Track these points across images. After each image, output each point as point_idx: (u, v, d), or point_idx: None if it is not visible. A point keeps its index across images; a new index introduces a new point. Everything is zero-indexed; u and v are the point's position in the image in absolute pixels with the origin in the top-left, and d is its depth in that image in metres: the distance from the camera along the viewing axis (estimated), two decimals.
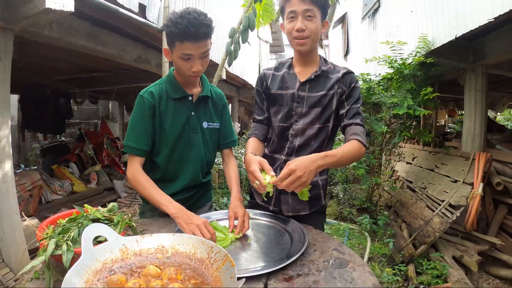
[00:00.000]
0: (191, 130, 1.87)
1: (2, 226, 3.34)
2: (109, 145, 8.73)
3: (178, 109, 1.84)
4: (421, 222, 4.50)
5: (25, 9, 3.04)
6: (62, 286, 0.81)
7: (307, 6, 1.69)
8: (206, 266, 1.01)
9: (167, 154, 1.86)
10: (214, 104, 2.00)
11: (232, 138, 2.11)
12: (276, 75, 1.95)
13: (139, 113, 1.79)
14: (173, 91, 1.84)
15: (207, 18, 1.65)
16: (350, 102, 1.79)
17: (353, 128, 1.73)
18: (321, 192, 1.90)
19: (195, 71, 1.74)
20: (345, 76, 1.82)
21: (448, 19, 4.41)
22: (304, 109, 1.84)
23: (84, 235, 1.00)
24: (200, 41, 1.64)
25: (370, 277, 1.18)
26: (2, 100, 3.34)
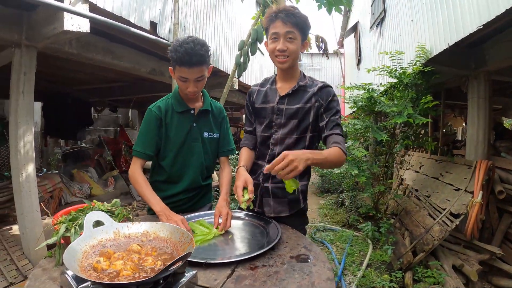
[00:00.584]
0: (192, 139, 2.15)
1: (24, 222, 3.67)
2: (127, 152, 9.02)
3: (181, 121, 2.13)
4: (422, 230, 4.51)
5: (46, 30, 3.37)
6: (65, 252, 1.08)
7: (289, 28, 1.88)
8: (176, 247, 1.27)
9: (172, 159, 2.15)
10: (214, 117, 2.26)
11: (229, 147, 2.34)
12: (261, 90, 2.17)
13: (147, 124, 2.10)
14: (178, 105, 2.12)
15: (203, 49, 1.91)
16: (329, 115, 1.94)
17: (334, 137, 1.88)
18: (300, 196, 2.06)
19: (190, 91, 2.01)
20: (322, 90, 1.99)
21: (442, 28, 4.48)
22: (282, 120, 2.02)
23: (86, 219, 1.29)
24: (193, 68, 1.91)
25: (327, 272, 1.32)
26: (26, 109, 3.69)
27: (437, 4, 4.69)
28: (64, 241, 1.39)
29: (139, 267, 1.11)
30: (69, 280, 1.04)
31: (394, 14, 7.15)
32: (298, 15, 1.90)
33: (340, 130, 1.93)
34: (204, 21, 6.39)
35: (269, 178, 2.06)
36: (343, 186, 7.79)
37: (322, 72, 23.63)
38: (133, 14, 4.26)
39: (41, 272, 1.31)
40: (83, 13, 3.32)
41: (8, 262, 3.82)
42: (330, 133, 1.92)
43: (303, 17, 1.92)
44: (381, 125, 5.48)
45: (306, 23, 1.95)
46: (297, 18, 1.89)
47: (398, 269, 4.24)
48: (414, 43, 5.50)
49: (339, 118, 1.96)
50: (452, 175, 5.14)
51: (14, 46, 3.65)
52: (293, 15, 1.89)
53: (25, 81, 3.66)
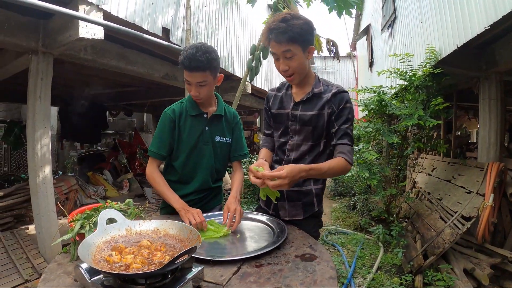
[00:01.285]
0: (204, 142, 2.22)
1: (40, 221, 3.79)
2: (141, 155, 9.16)
3: (194, 124, 2.20)
4: (433, 233, 4.47)
5: (62, 38, 3.50)
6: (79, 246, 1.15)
7: (284, 47, 1.79)
8: (184, 244, 1.34)
9: (183, 161, 2.23)
10: (227, 122, 2.32)
11: (241, 152, 2.39)
12: (277, 95, 2.17)
13: (161, 126, 2.19)
14: (191, 109, 2.20)
15: (204, 55, 1.97)
16: (339, 123, 1.91)
17: (340, 147, 1.88)
18: (314, 199, 2.05)
19: (193, 95, 2.12)
20: (335, 96, 1.93)
21: (451, 29, 4.46)
22: (297, 127, 2.01)
23: (100, 216, 1.38)
24: (193, 72, 2.00)
25: (330, 270, 1.34)
26: (43, 113, 3.81)
27: (445, 5, 4.67)
28: (79, 238, 1.47)
29: (149, 261, 1.17)
30: (83, 272, 1.12)
31: (404, 16, 7.15)
32: (291, 28, 1.76)
33: (349, 139, 1.90)
34: (216, 26, 6.47)
35: None
36: (355, 189, 7.76)
37: (335, 75, 23.53)
38: (146, 20, 4.36)
39: (56, 266, 1.39)
40: (97, 21, 3.44)
41: (24, 260, 3.94)
42: (338, 142, 1.91)
43: (297, 28, 1.77)
44: (392, 128, 5.47)
45: (304, 31, 1.80)
46: (290, 32, 1.76)
47: (408, 272, 4.21)
48: (424, 45, 5.46)
49: (349, 127, 1.92)
50: (464, 178, 5.08)
51: (31, 53, 3.78)
52: (285, 32, 1.76)
53: (42, 86, 3.79)
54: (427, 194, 5.89)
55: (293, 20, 1.78)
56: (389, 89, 5.92)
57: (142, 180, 8.56)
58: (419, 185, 6.64)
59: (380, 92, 5.45)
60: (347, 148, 1.88)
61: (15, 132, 7.91)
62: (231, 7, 7.23)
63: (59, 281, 1.26)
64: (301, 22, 1.79)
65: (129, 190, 7.99)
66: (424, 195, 6.01)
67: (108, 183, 7.77)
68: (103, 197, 7.04)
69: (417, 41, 6.12)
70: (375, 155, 5.05)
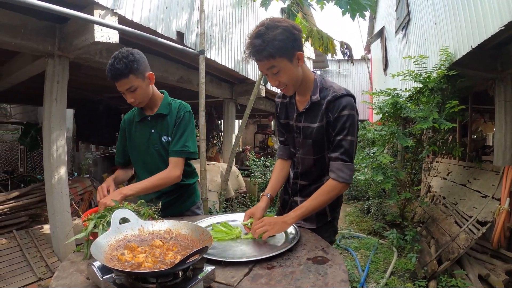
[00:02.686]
0: (153, 145, 2.21)
1: (55, 221, 3.85)
2: None
3: (141, 129, 2.23)
4: (448, 238, 4.43)
5: (78, 41, 3.56)
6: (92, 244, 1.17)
7: (267, 65, 1.66)
8: (196, 244, 1.35)
9: (141, 166, 2.28)
10: (172, 119, 2.21)
11: (174, 148, 2.14)
12: (283, 102, 2.06)
13: (119, 134, 2.34)
14: (138, 115, 2.24)
15: (121, 62, 1.92)
16: (334, 133, 1.78)
17: (331, 165, 1.78)
18: (327, 208, 1.99)
19: (130, 102, 2.09)
20: (331, 103, 1.77)
21: (465, 30, 4.40)
22: (300, 139, 1.93)
23: (113, 216, 1.40)
24: (118, 81, 1.98)
25: (342, 273, 1.32)
26: (59, 116, 3.87)
27: (459, 6, 4.61)
28: (93, 237, 1.49)
29: (160, 260, 1.19)
30: (95, 270, 1.14)
31: (418, 18, 7.09)
32: (267, 44, 1.60)
33: (341, 152, 1.75)
34: (229, 30, 6.50)
35: (298, 192, 2.09)
36: (370, 193, 7.71)
37: (349, 78, 23.38)
38: (161, 24, 4.41)
39: (69, 264, 1.41)
40: (113, 24, 3.50)
41: (38, 259, 4.00)
42: (330, 156, 1.81)
43: (276, 41, 1.60)
44: (407, 131, 5.42)
45: (284, 42, 1.61)
46: (267, 48, 1.60)
47: (422, 278, 4.17)
48: (438, 46, 5.39)
49: (344, 138, 1.74)
50: (479, 182, 5.01)
51: (47, 56, 3.85)
52: (261, 50, 1.61)
53: (58, 89, 3.85)
54: (442, 199, 5.83)
55: (268, 32, 1.61)
56: (403, 92, 5.86)
57: None
58: (434, 189, 6.59)
59: (395, 95, 5.41)
60: (336, 165, 1.75)
61: (32, 134, 8.03)
62: (245, 10, 7.25)
63: (72, 279, 1.28)
64: (279, 32, 1.60)
65: None
66: (439, 199, 5.95)
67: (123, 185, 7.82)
68: None
69: (431, 43, 6.06)
70: (390, 159, 5.01)
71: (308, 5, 5.80)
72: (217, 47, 6.00)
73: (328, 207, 2.00)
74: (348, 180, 1.75)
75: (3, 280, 3.59)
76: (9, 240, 4.11)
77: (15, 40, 3.44)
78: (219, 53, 6.08)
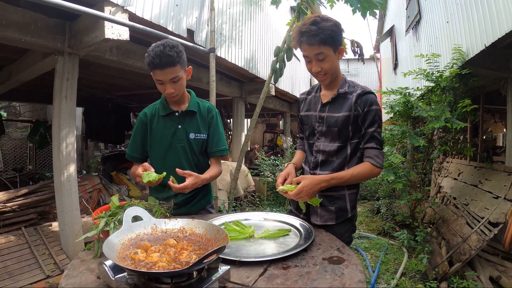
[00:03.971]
0: (178, 141, 2.20)
1: (64, 219, 3.85)
2: None
3: (166, 124, 2.21)
4: (459, 240, 4.35)
5: (88, 38, 3.55)
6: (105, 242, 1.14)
7: (316, 50, 1.84)
8: (211, 243, 1.31)
9: (161, 162, 2.21)
10: (202, 117, 2.28)
11: (216, 147, 2.30)
12: (307, 98, 2.20)
13: (135, 129, 2.28)
14: (162, 109, 2.22)
15: (173, 50, 1.96)
16: (365, 126, 1.92)
17: (367, 152, 1.92)
18: (348, 204, 2.02)
19: (168, 93, 2.08)
20: (360, 97, 1.93)
21: (478, 28, 4.35)
22: (324, 128, 2.02)
23: (125, 213, 1.36)
24: (165, 69, 1.97)
25: (358, 274, 1.31)
26: (69, 113, 3.87)
27: (471, 4, 4.55)
28: (103, 235, 1.47)
29: (175, 260, 1.15)
30: (107, 270, 1.10)
31: (429, 17, 7.01)
32: (322, 31, 1.81)
33: (376, 142, 1.92)
34: (240, 28, 6.49)
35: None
36: (379, 193, 7.63)
37: (358, 77, 23.23)
38: (171, 22, 4.39)
39: (79, 263, 1.39)
40: (123, 21, 3.48)
41: (46, 256, 4.00)
42: (365, 146, 1.94)
43: (328, 30, 1.82)
44: (418, 131, 5.34)
45: (335, 33, 1.85)
46: (321, 35, 1.80)
47: (433, 279, 4.13)
48: (450, 45, 5.34)
49: (376, 130, 1.93)
50: (491, 183, 4.94)
51: (57, 54, 3.85)
52: (316, 34, 1.81)
53: (67, 86, 3.85)
54: (453, 199, 5.74)
55: (323, 22, 1.82)
56: (415, 91, 5.79)
57: None
58: (445, 190, 6.49)
59: (406, 94, 5.35)
60: (373, 152, 1.91)
61: (41, 132, 8.06)
62: (255, 9, 7.23)
63: (82, 278, 1.26)
64: (331, 24, 1.83)
65: None
66: (450, 200, 5.87)
67: (131, 183, 7.84)
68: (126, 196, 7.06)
69: (443, 42, 5.99)
70: (401, 159, 4.94)
71: (318, 3, 5.74)
72: (227, 45, 5.98)
73: (349, 203, 2.03)
74: (382, 166, 1.94)
75: (11, 277, 3.58)
76: (17, 237, 4.11)
77: (25, 37, 3.43)
78: (229, 51, 6.06)
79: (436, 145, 5.53)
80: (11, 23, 3.31)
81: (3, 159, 9.00)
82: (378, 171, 1.91)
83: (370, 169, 1.89)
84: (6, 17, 3.27)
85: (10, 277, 3.57)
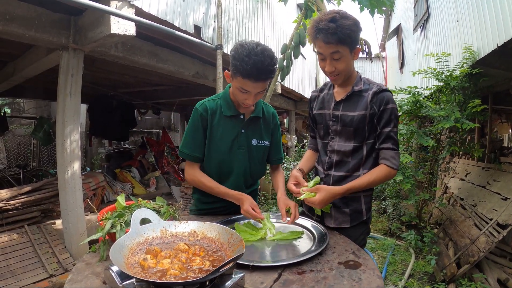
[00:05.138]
0: (239, 146, 2.02)
1: (67, 217, 3.81)
2: (169, 153, 9.17)
3: (229, 126, 2.00)
4: (467, 241, 4.32)
5: (93, 34, 3.49)
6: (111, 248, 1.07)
7: (332, 49, 1.74)
8: (225, 248, 1.24)
9: (216, 165, 2.03)
10: (266, 123, 2.12)
11: (279, 156, 2.26)
12: (320, 96, 2.11)
13: (194, 124, 1.99)
14: (227, 108, 1.99)
15: (272, 62, 1.77)
16: (381, 126, 1.85)
17: (383, 153, 1.85)
18: (363, 206, 1.96)
19: (249, 104, 1.90)
20: (376, 96, 1.85)
21: (490, 28, 4.28)
22: (338, 127, 1.94)
23: (133, 216, 1.28)
24: (259, 83, 1.78)
25: (377, 280, 1.26)
26: (73, 109, 3.82)
27: (483, 3, 4.48)
28: (109, 237, 1.40)
29: (187, 267, 1.09)
30: (114, 276, 1.03)
31: (438, 15, 6.94)
32: (341, 29, 1.70)
33: (392, 142, 1.85)
34: (246, 25, 6.43)
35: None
36: (386, 193, 7.57)
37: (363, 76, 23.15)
38: (178, 18, 4.33)
39: (84, 266, 1.32)
40: (130, 16, 3.41)
41: (49, 255, 3.95)
42: (380, 147, 1.87)
43: (347, 29, 1.71)
44: (426, 130, 5.28)
45: (354, 32, 1.75)
46: (339, 33, 1.70)
47: (441, 281, 4.10)
48: (460, 44, 5.28)
49: (392, 129, 1.85)
50: (500, 184, 4.91)
51: (62, 49, 3.80)
52: (334, 33, 1.70)
53: (72, 82, 3.79)
54: (460, 200, 5.71)
55: (342, 20, 1.72)
56: (424, 90, 5.73)
57: (169, 178, 8.59)
58: (451, 190, 6.45)
59: (415, 93, 5.28)
60: (390, 154, 1.84)
61: (45, 128, 8.03)
62: (261, 5, 7.17)
63: (87, 283, 1.20)
64: (350, 23, 1.73)
65: (156, 188, 8.04)
66: (457, 201, 5.83)
67: (136, 180, 7.83)
68: (131, 194, 7.08)
69: (452, 41, 5.92)
70: (410, 159, 4.89)
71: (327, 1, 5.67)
72: (234, 42, 5.90)
73: (365, 205, 1.97)
74: (398, 167, 1.87)
75: (14, 276, 3.54)
76: (20, 235, 4.07)
77: (29, 32, 3.38)
78: None
79: (445, 145, 5.45)
80: (15, 17, 3.26)
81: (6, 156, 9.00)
82: (394, 173, 1.84)
83: (387, 172, 1.83)
84: (10, 12, 3.22)
85: (12, 276, 3.53)
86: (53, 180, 4.69)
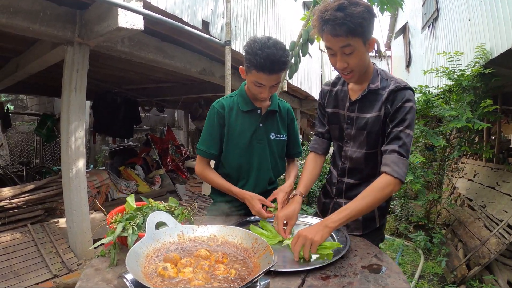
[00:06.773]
0: (258, 141, 2.01)
1: (72, 216, 3.73)
2: (173, 151, 9.12)
3: (247, 121, 2.00)
4: (477, 242, 4.27)
5: (100, 28, 3.41)
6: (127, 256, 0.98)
7: (343, 42, 1.49)
8: (249, 255, 1.15)
9: (236, 161, 2.02)
10: (282, 118, 2.11)
11: (297, 150, 2.24)
12: (332, 91, 1.89)
13: (211, 121, 2.00)
14: (243, 104, 2.00)
15: (285, 54, 1.76)
16: (392, 124, 1.60)
17: (385, 158, 1.57)
18: (376, 213, 1.82)
19: (264, 97, 1.90)
20: (393, 94, 1.62)
21: (504, 27, 4.20)
22: (353, 131, 1.76)
23: (148, 219, 1.18)
24: (273, 75, 1.77)
25: (403, 284, 1.20)
26: (79, 105, 3.74)
27: (497, 1, 4.41)
28: (119, 240, 1.32)
29: (211, 276, 1.00)
30: (128, 285, 0.94)
31: (448, 14, 6.86)
32: (350, 19, 1.43)
33: (399, 144, 1.55)
34: (254, 21, 6.37)
35: (342, 193, 1.88)
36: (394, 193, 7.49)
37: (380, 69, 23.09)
38: (186, 12, 4.26)
39: (93, 272, 1.23)
40: (138, 9, 3.31)
41: (53, 254, 3.88)
42: (385, 148, 1.60)
43: (358, 17, 1.44)
44: (437, 130, 5.20)
45: (366, 21, 1.47)
46: (349, 23, 1.44)
47: (451, 283, 4.05)
48: (471, 43, 5.22)
49: (404, 130, 1.56)
50: (509, 185, 4.85)
51: (67, 44, 3.72)
52: (343, 23, 1.44)
53: (77, 78, 3.72)
54: (469, 201, 5.65)
55: (351, 7, 1.44)
56: (435, 89, 5.66)
57: (174, 176, 8.53)
58: (459, 191, 6.39)
59: (426, 92, 5.19)
60: (391, 158, 1.54)
61: (48, 125, 7.99)
62: (268, 2, 7.13)
63: None
64: (361, 10, 1.45)
65: (160, 186, 7.97)
66: (465, 202, 5.76)
67: (140, 178, 7.75)
68: (135, 192, 6.99)
69: (463, 40, 5.85)
70: (421, 159, 4.81)
71: None
72: (242, 39, 5.83)
73: (378, 211, 1.81)
74: (403, 178, 1.52)
75: (17, 277, 3.47)
76: (23, 234, 4.00)
77: (33, 25, 3.31)
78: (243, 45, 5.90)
79: (455, 145, 5.38)
80: (19, 10, 3.18)
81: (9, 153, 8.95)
82: (396, 183, 1.51)
83: (386, 183, 1.51)
84: (13, 4, 3.15)
85: (15, 277, 3.46)
86: (57, 178, 4.62)
